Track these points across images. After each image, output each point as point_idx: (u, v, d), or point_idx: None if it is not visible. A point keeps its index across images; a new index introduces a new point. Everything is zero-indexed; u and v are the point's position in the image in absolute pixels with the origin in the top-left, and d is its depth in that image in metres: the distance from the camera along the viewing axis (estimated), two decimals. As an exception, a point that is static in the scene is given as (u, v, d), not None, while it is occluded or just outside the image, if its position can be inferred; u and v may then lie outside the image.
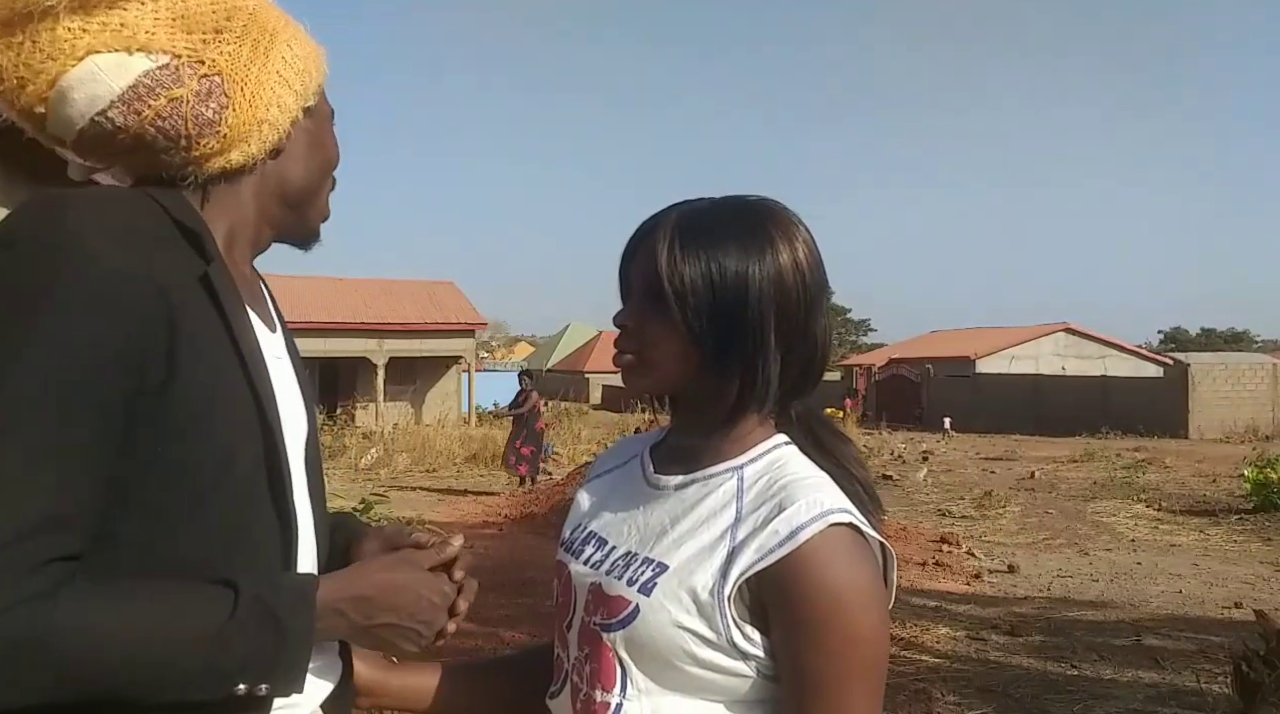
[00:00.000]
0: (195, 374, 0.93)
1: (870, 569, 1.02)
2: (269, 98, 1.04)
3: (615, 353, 1.12)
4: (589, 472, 1.31)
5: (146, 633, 0.88)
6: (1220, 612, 7.06)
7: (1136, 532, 10.97)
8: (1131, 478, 15.59)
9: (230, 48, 1.02)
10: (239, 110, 1.02)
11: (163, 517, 0.94)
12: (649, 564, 1.06)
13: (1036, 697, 5.00)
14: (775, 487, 1.05)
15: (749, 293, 1.05)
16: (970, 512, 12.40)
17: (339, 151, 1.17)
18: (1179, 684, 5.15)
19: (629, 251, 1.14)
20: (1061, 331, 37.95)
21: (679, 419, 1.18)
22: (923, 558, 8.74)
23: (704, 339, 1.06)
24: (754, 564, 1.00)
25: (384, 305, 27.14)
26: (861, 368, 40.43)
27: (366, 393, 26.45)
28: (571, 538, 1.21)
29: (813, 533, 0.99)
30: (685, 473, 1.13)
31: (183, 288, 0.95)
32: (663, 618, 1.02)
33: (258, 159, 1.06)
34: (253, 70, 1.03)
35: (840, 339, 58.90)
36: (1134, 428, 25.45)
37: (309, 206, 1.15)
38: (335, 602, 0.99)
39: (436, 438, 19.42)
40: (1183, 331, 74.22)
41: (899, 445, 22.63)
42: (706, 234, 1.06)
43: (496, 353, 67.00)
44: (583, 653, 1.10)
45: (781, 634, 1.00)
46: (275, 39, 1.05)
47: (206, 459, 0.95)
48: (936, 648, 5.94)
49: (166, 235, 0.97)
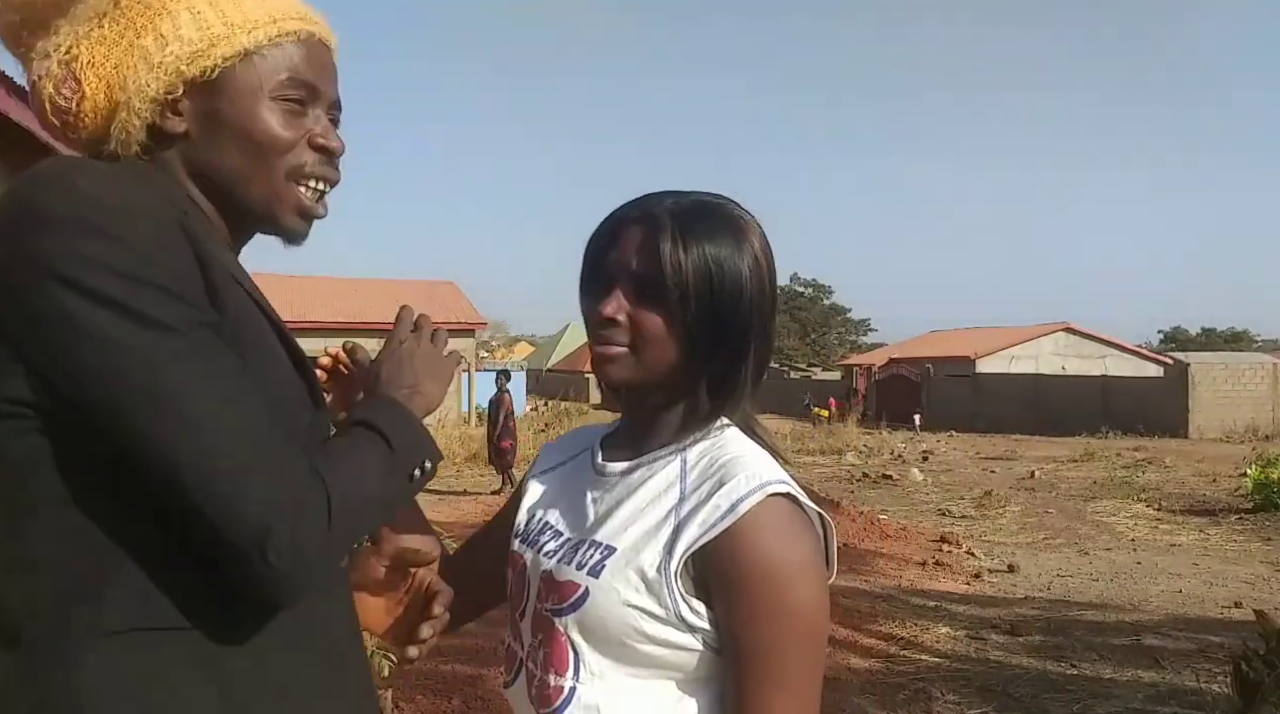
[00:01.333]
0: (231, 310, 0.96)
1: (808, 540, 1.05)
2: (126, 76, 1.01)
3: (598, 343, 1.12)
4: (537, 463, 1.33)
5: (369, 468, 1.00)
6: (1220, 612, 7.06)
7: (1136, 531, 10.98)
8: (1131, 478, 15.60)
9: (102, 31, 1.02)
10: (91, 93, 1.01)
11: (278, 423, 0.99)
12: (596, 547, 1.10)
13: (1036, 696, 5.00)
14: (716, 465, 1.08)
15: (744, 292, 1.09)
16: (970, 511, 12.41)
17: (288, 133, 1.06)
18: (1179, 684, 5.15)
19: (606, 239, 1.13)
20: (1061, 331, 37.95)
21: (638, 409, 1.18)
22: (923, 558, 8.75)
23: (698, 335, 1.08)
24: (698, 539, 1.03)
25: (384, 305, 27.13)
26: (861, 368, 40.44)
27: (366, 393, 26.41)
28: (527, 529, 1.23)
29: (751, 504, 1.02)
30: (631, 458, 1.16)
31: (211, 259, 0.95)
32: (612, 598, 1.05)
33: (133, 138, 1.03)
34: (113, 51, 1.01)
35: (840, 339, 58.88)
36: (1134, 428, 25.44)
37: (244, 191, 1.06)
38: (398, 394, 1.12)
39: (436, 438, 19.33)
40: (1183, 331, 74.17)
41: (899, 445, 22.63)
42: (704, 231, 1.08)
43: (496, 353, 66.98)
44: (536, 639, 1.12)
45: (722, 605, 1.03)
46: (159, 15, 1.02)
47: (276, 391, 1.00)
48: (936, 648, 5.94)
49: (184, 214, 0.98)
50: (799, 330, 56.15)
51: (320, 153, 1.09)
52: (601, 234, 1.14)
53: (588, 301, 1.14)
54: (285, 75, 1.05)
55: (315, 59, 1.08)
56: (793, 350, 54.68)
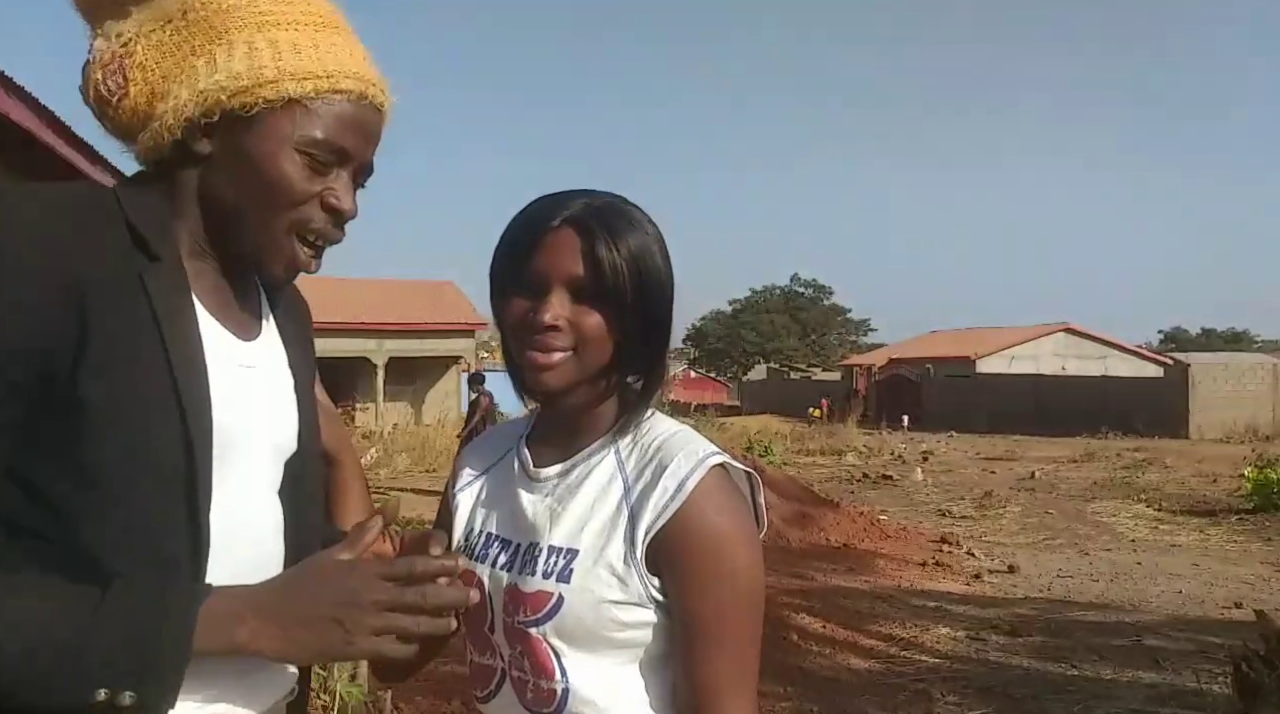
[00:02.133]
0: (110, 374, 0.93)
1: (743, 506, 1.13)
2: (170, 90, 1.02)
3: (537, 349, 1.11)
4: (460, 473, 1.31)
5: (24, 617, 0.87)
6: (1220, 612, 7.06)
7: (1136, 532, 10.97)
8: (1132, 478, 15.60)
9: (162, 36, 1.03)
10: (134, 94, 1.03)
11: (69, 513, 0.93)
12: (556, 552, 1.12)
13: (1036, 697, 5.00)
14: (650, 450, 1.14)
15: (663, 286, 1.15)
16: (970, 512, 12.41)
17: (301, 187, 1.03)
18: (1179, 684, 5.15)
19: (529, 243, 1.12)
20: (1061, 332, 37.98)
21: (563, 409, 1.18)
22: (923, 558, 8.74)
23: (630, 332, 1.13)
24: (654, 522, 1.09)
25: (384, 305, 27.13)
26: (861, 368, 40.45)
27: (366, 393, 26.45)
28: (470, 544, 1.22)
29: (696, 481, 1.09)
30: (563, 459, 1.18)
31: (109, 287, 0.94)
32: (587, 598, 1.09)
33: (160, 148, 1.03)
34: (166, 60, 1.02)
35: (840, 339, 58.87)
36: (1134, 428, 25.45)
37: (239, 230, 1.05)
38: (232, 605, 0.93)
39: (436, 438, 19.42)
40: (1183, 331, 74.26)
41: (899, 445, 22.63)
42: (626, 231, 1.12)
43: (496, 353, 67.03)
44: (516, 650, 1.14)
45: (673, 576, 1.09)
46: (219, 38, 1.02)
47: (119, 460, 0.94)
48: (936, 648, 5.94)
49: (108, 233, 0.97)
50: (799, 330, 56.17)
51: (330, 213, 1.07)
52: (522, 238, 1.14)
53: (515, 306, 1.13)
54: (319, 133, 1.03)
55: (358, 122, 1.06)
56: (793, 350, 54.72)
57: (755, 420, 29.73)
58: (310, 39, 1.04)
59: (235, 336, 1.08)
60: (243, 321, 1.11)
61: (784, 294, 57.88)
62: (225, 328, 1.07)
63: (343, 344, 25.43)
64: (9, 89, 5.08)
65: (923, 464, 18.56)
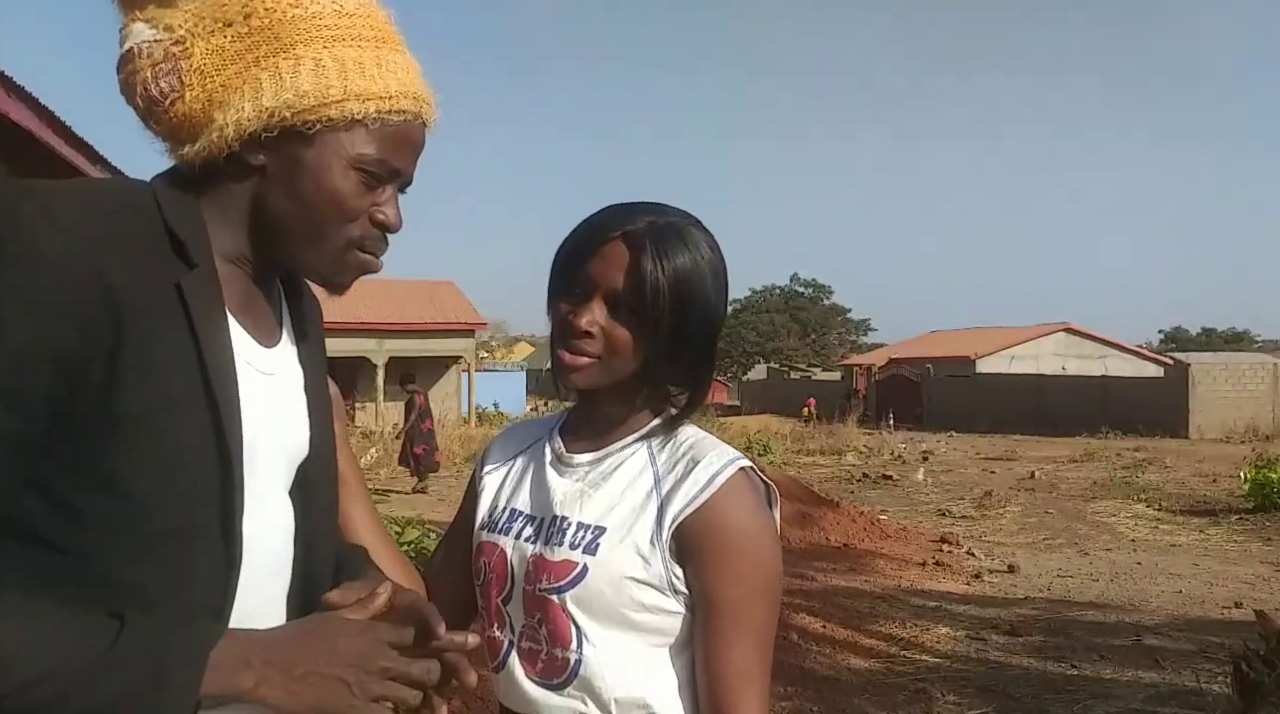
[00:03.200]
0: (143, 386, 0.92)
1: (766, 506, 1.21)
2: (230, 100, 0.99)
3: (569, 351, 1.18)
4: (486, 458, 1.38)
5: (12, 647, 0.84)
6: (1220, 612, 7.06)
7: (1136, 532, 10.97)
8: (1131, 478, 15.59)
9: (221, 40, 0.99)
10: (190, 99, 1.00)
11: (95, 525, 0.92)
12: (585, 528, 1.19)
13: (1036, 697, 5.00)
14: (682, 448, 1.22)
15: (708, 312, 1.19)
16: (970, 512, 12.40)
17: (355, 203, 1.04)
18: (1179, 684, 5.15)
19: (587, 249, 1.18)
20: (1061, 332, 37.97)
21: (596, 407, 1.26)
22: (923, 558, 8.74)
23: (663, 348, 1.17)
24: (684, 510, 1.16)
25: (384, 305, 27.13)
26: (861, 368, 40.45)
27: (366, 393, 26.45)
28: (493, 519, 1.29)
29: (726, 477, 1.17)
30: (596, 450, 1.25)
31: (146, 293, 0.93)
32: (611, 572, 1.15)
33: (213, 158, 1.01)
34: (227, 67, 1.00)
35: (840, 339, 58.81)
36: (1134, 428, 25.44)
37: (294, 243, 1.05)
38: (240, 651, 0.91)
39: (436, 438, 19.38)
40: (1183, 331, 74.15)
41: (899, 445, 22.63)
42: (679, 253, 1.17)
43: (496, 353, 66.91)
44: (533, 618, 1.19)
45: (698, 566, 1.15)
46: (284, 51, 1.00)
47: (150, 473, 0.93)
48: (936, 648, 5.94)
49: (147, 237, 0.96)
50: (799, 330, 56.08)
51: (378, 228, 1.08)
52: (581, 243, 1.20)
53: (562, 307, 1.20)
54: (375, 152, 1.04)
55: (409, 141, 1.07)
56: (793, 350, 54.64)
57: (755, 420, 29.74)
58: (373, 57, 1.03)
59: (259, 344, 1.08)
60: (265, 328, 1.10)
61: (784, 294, 57.77)
62: (250, 335, 1.06)
63: (343, 344, 25.42)
64: (9, 89, 5.08)
65: (923, 464, 18.56)
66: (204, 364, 0.96)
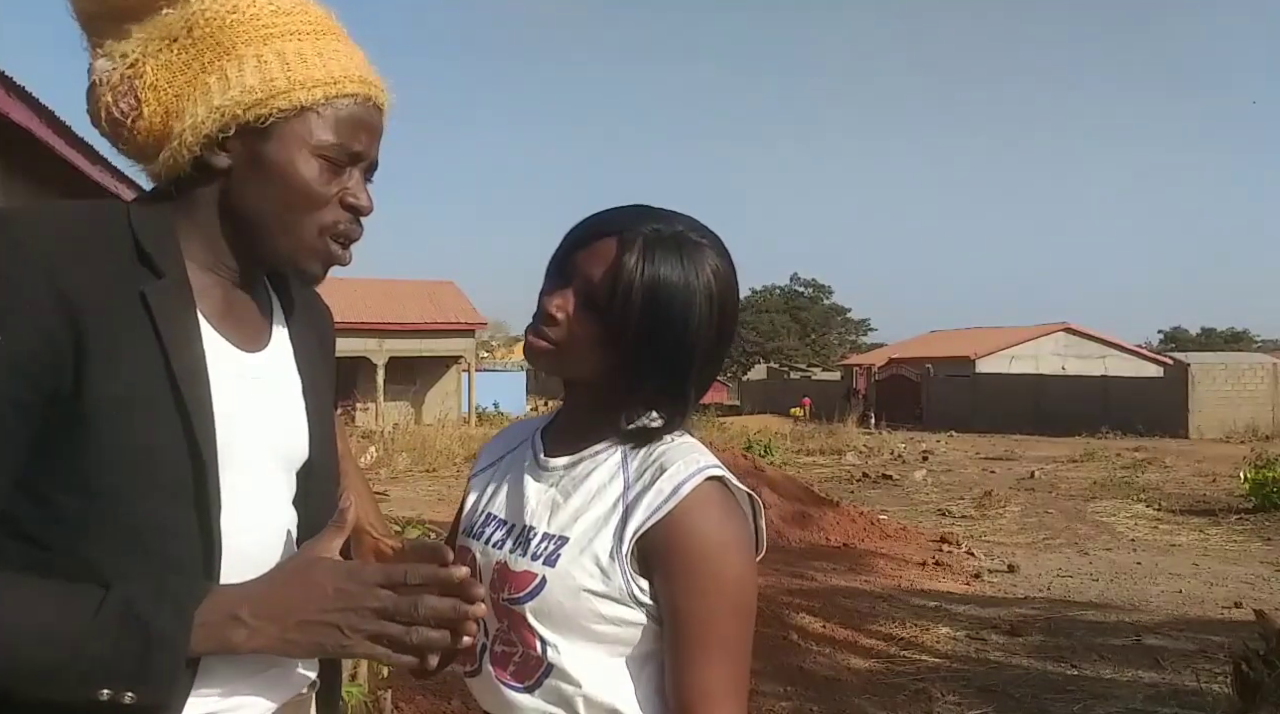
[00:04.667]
0: (106, 387, 0.95)
1: (738, 520, 1.15)
2: (184, 108, 1.04)
3: (532, 331, 1.17)
4: (479, 459, 1.38)
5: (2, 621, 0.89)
6: (1220, 612, 7.06)
7: (1136, 531, 10.97)
8: (1131, 478, 15.60)
9: (170, 55, 1.05)
10: (149, 114, 1.05)
11: (73, 520, 0.96)
12: (549, 539, 1.16)
13: (1036, 697, 5.00)
14: (655, 455, 1.17)
15: (690, 324, 1.13)
16: (970, 511, 12.40)
17: (323, 189, 1.08)
18: (1179, 684, 5.15)
19: (581, 238, 1.17)
20: (1061, 331, 37.96)
21: (576, 406, 1.25)
22: (923, 558, 8.74)
23: (636, 353, 1.13)
24: (645, 521, 1.11)
25: (384, 305, 27.15)
26: (861, 368, 40.43)
27: (367, 393, 26.47)
28: (471, 522, 1.28)
29: (691, 487, 1.11)
30: (572, 453, 1.22)
31: (108, 300, 0.97)
32: (569, 584, 1.12)
33: (179, 167, 1.05)
34: (177, 79, 1.04)
35: (840, 339, 58.83)
36: (1134, 428, 25.44)
37: (269, 236, 1.08)
38: (230, 607, 0.95)
39: (436, 438, 19.42)
40: (1183, 331, 74.13)
41: (899, 445, 22.63)
42: (667, 261, 1.12)
43: (496, 353, 66.97)
44: (504, 624, 1.18)
45: (663, 580, 1.11)
46: (227, 54, 1.04)
47: (122, 469, 0.96)
48: (936, 648, 5.94)
49: (113, 250, 1.00)
50: (799, 330, 56.09)
51: (350, 211, 1.11)
52: (580, 233, 1.19)
53: (542, 290, 1.19)
54: (331, 137, 1.07)
55: (364, 122, 1.10)
56: (793, 350, 54.64)
57: (755, 420, 29.74)
58: (314, 47, 1.07)
59: (240, 349, 1.10)
60: (249, 334, 1.13)
61: (784, 294, 57.78)
62: (229, 340, 1.09)
63: (343, 344, 25.25)
64: (9, 89, 5.09)
65: (923, 464, 18.56)
66: (171, 367, 0.99)
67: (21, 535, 0.96)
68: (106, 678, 0.90)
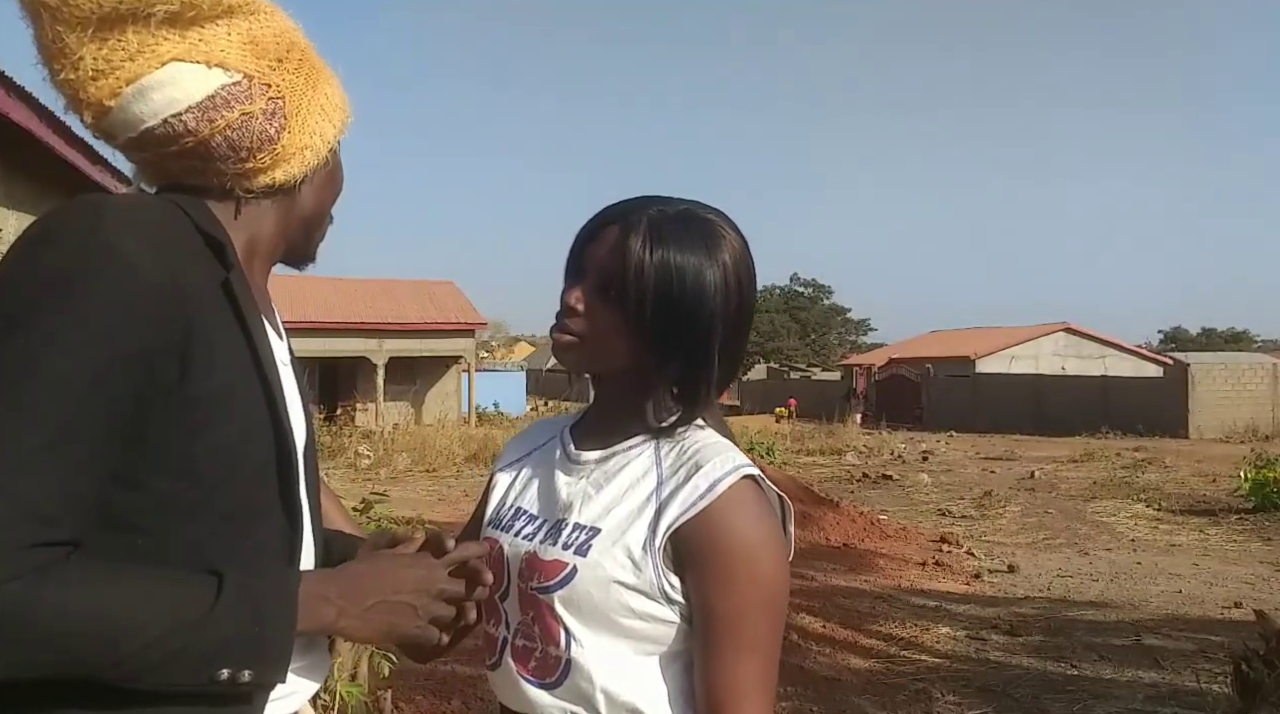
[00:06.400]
0: (210, 375, 0.99)
1: (772, 518, 1.15)
2: (314, 127, 1.14)
3: (556, 328, 1.19)
4: (503, 455, 1.39)
5: (130, 613, 0.91)
6: (1220, 612, 7.06)
7: (1136, 532, 10.97)
8: (1131, 478, 15.60)
9: (289, 77, 1.12)
10: (293, 133, 1.12)
11: (173, 506, 0.99)
12: (580, 529, 1.17)
13: (1036, 697, 5.00)
14: (689, 451, 1.17)
15: (705, 303, 1.14)
16: (970, 512, 12.41)
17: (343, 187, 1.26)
18: (1179, 684, 5.15)
19: (590, 231, 1.20)
20: (1061, 332, 37.94)
21: (606, 402, 1.26)
22: (923, 558, 8.74)
23: (655, 338, 1.14)
24: (679, 516, 1.11)
25: (384, 305, 27.13)
26: (861, 368, 40.43)
27: (366, 393, 26.46)
28: (499, 515, 1.29)
29: (728, 485, 1.11)
30: (603, 448, 1.22)
31: (204, 295, 1.01)
32: (599, 574, 1.12)
33: (296, 180, 1.14)
34: (305, 99, 1.13)
35: (840, 339, 58.81)
36: (1134, 428, 25.45)
37: (316, 231, 1.24)
38: (319, 589, 1.04)
39: (436, 438, 19.41)
40: (1183, 331, 74.14)
41: (899, 445, 22.63)
42: (675, 239, 1.13)
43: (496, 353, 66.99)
44: (527, 616, 1.18)
45: (696, 576, 1.11)
46: (321, 77, 1.16)
47: (218, 455, 1.00)
48: (936, 648, 5.94)
49: (192, 244, 1.03)
50: (799, 330, 56.07)
51: None
52: (586, 227, 1.21)
53: (562, 288, 1.21)
54: None
55: None
56: (793, 350, 54.62)
57: (755, 420, 29.74)
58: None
59: (276, 337, 1.17)
60: (274, 323, 1.21)
61: (784, 294, 57.76)
62: (271, 329, 1.15)
63: (343, 344, 25.44)
64: (9, 89, 5.09)
65: (923, 464, 18.56)
66: (255, 354, 1.05)
67: (118, 524, 0.97)
68: (227, 658, 0.94)
